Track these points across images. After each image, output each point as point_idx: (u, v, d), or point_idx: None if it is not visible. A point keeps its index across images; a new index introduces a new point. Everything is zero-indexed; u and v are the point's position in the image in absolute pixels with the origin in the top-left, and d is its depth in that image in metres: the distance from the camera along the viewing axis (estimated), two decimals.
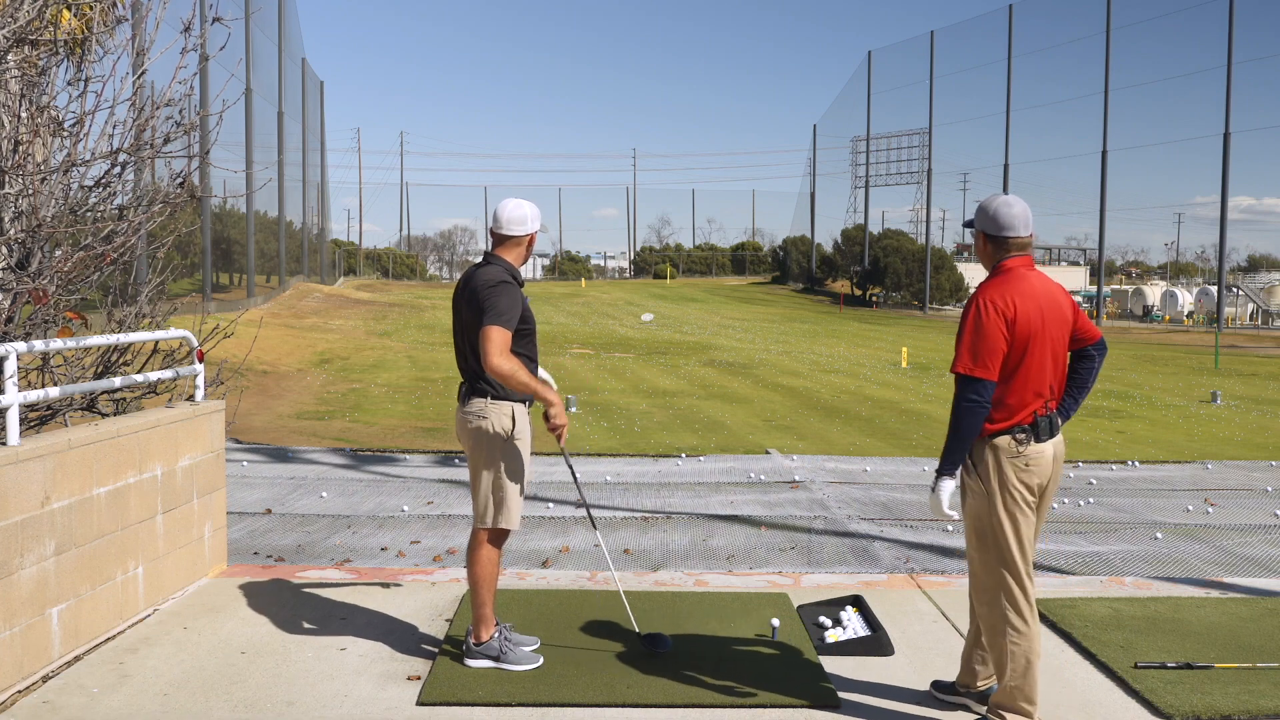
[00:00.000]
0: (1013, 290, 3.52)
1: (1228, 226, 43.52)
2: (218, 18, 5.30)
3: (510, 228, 4.13)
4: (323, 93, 52.10)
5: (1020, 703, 3.54)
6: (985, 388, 3.45)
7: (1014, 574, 3.53)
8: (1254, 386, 20.18)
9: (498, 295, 3.94)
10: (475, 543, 4.14)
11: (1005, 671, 3.54)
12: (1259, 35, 75.50)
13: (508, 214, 4.14)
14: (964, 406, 3.46)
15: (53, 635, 4.06)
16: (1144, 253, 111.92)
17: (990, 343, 3.45)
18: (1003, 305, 3.48)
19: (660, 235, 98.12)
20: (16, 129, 4.69)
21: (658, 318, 39.48)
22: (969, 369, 3.46)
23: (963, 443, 3.49)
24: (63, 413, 4.98)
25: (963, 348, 3.48)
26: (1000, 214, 3.61)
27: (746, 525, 7.23)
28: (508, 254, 4.16)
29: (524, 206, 4.17)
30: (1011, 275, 3.57)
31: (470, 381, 4.13)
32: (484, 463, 4.09)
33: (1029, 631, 3.53)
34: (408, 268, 75.72)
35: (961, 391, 3.47)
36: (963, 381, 3.48)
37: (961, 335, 3.51)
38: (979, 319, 3.47)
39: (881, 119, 63.16)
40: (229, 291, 33.67)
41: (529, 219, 4.16)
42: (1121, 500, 8.37)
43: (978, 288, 3.62)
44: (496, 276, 4.01)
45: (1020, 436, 3.51)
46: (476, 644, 4.14)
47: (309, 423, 13.08)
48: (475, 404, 4.08)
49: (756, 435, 12.41)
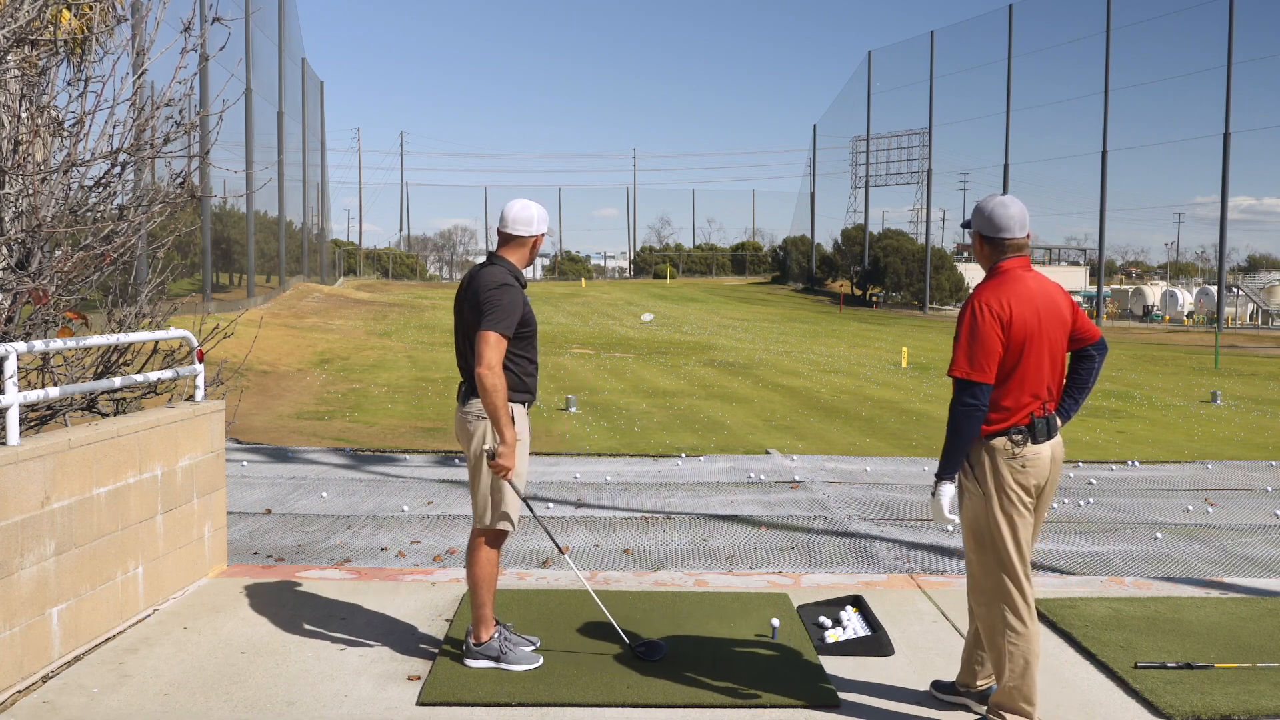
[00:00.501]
0: (1008, 292, 3.51)
1: (1228, 226, 43.55)
2: (218, 18, 5.29)
3: (515, 227, 4.12)
4: (323, 93, 52.12)
5: (1019, 703, 3.54)
6: (982, 391, 3.45)
7: (1011, 575, 3.53)
8: (1254, 386, 20.18)
9: (498, 298, 3.92)
10: (474, 544, 4.14)
11: (1004, 672, 3.55)
12: (1259, 35, 75.59)
13: (514, 214, 4.11)
14: (961, 410, 3.46)
15: (53, 635, 4.07)
16: (1144, 253, 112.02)
17: (986, 346, 3.44)
18: (998, 308, 3.47)
19: (660, 235, 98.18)
20: (16, 129, 4.69)
21: (658, 318, 39.48)
22: (965, 373, 3.46)
23: (961, 446, 3.49)
24: (63, 413, 4.98)
25: (959, 352, 3.49)
26: (996, 215, 3.60)
27: (746, 525, 7.23)
28: (512, 255, 4.14)
29: (531, 208, 4.14)
30: (1007, 277, 3.56)
31: (469, 381, 4.12)
32: (479, 464, 4.09)
33: (1027, 632, 3.53)
34: (408, 268, 75.72)
35: (958, 395, 3.48)
36: (959, 385, 3.48)
37: (958, 339, 3.52)
38: (974, 322, 3.47)
39: (881, 119, 63.20)
40: (229, 291, 33.67)
41: (535, 220, 4.14)
42: (1121, 500, 8.37)
43: (974, 290, 3.62)
44: (498, 278, 4.00)
45: (1016, 438, 3.51)
46: (476, 644, 4.14)
47: (309, 423, 13.09)
48: (474, 404, 4.07)
49: (756, 435, 12.41)
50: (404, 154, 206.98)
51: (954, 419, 3.48)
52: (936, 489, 3.53)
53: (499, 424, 3.91)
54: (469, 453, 4.16)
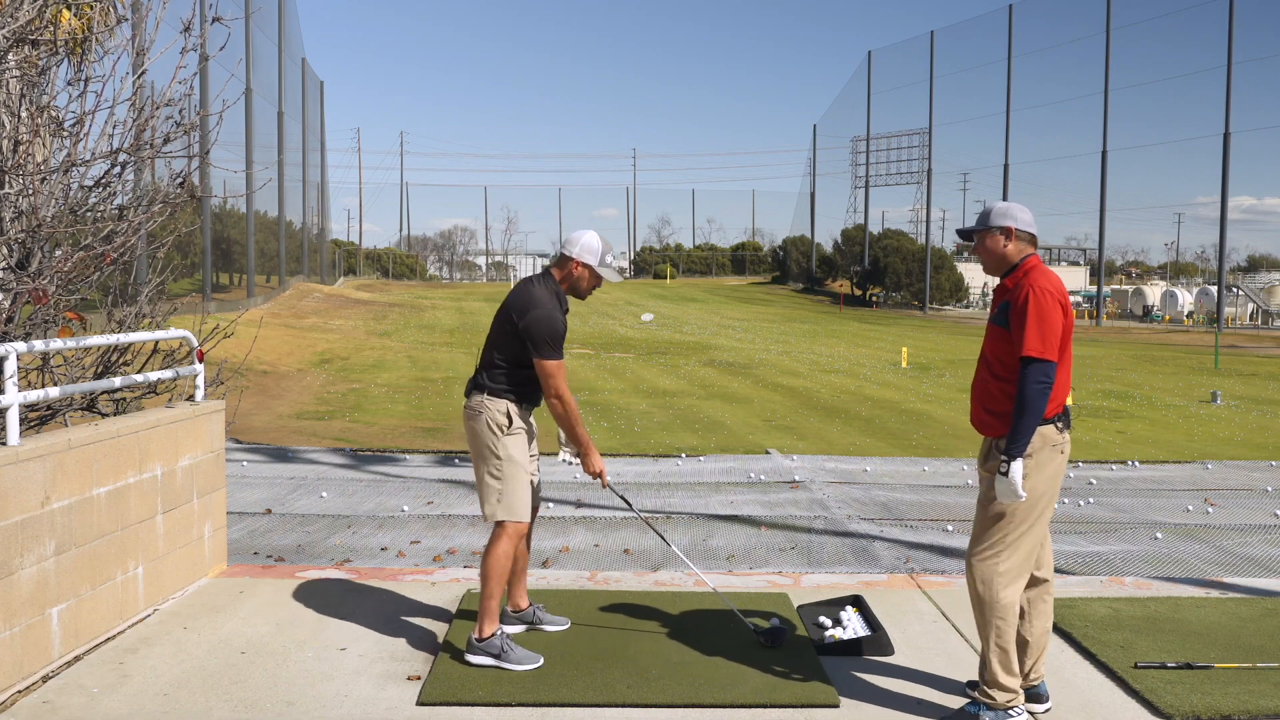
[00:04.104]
0: (1055, 280, 3.64)
1: (1228, 226, 43.56)
2: (218, 18, 5.29)
3: (565, 245, 4.33)
4: (323, 93, 52.15)
5: (1005, 678, 3.62)
6: (1052, 369, 3.54)
7: (1025, 558, 3.62)
8: (1254, 386, 20.18)
9: (539, 327, 4.09)
10: (491, 537, 4.23)
11: (989, 646, 3.62)
12: (1259, 35, 75.57)
13: (570, 234, 4.35)
14: (1035, 389, 3.51)
15: (53, 635, 4.06)
16: (1144, 253, 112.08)
17: (1052, 327, 3.54)
18: (1056, 293, 3.59)
19: (660, 235, 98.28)
20: (16, 129, 4.69)
21: (658, 318, 39.48)
22: (1040, 352, 3.51)
23: (1034, 425, 3.53)
24: (63, 413, 4.97)
25: (1029, 333, 3.53)
26: (1020, 212, 3.75)
27: (746, 525, 7.22)
28: (558, 272, 4.32)
29: (588, 236, 4.31)
30: (1043, 269, 3.69)
31: (475, 375, 4.28)
32: (481, 456, 4.22)
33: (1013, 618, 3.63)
34: (408, 268, 75.76)
35: (1031, 374, 3.52)
36: (1033, 365, 3.52)
37: (1025, 320, 3.55)
38: (1041, 303, 3.55)
39: (881, 119, 63.23)
40: (229, 291, 33.67)
41: (578, 244, 4.28)
42: (1121, 500, 8.37)
43: (1023, 279, 3.65)
44: (539, 301, 4.15)
45: (1059, 425, 3.63)
46: (479, 639, 4.15)
47: (309, 423, 13.08)
48: (474, 398, 4.24)
49: (756, 435, 12.41)
50: (404, 154, 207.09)
51: (1028, 398, 3.50)
52: (1009, 467, 3.52)
53: (577, 441, 4.30)
54: (470, 445, 4.30)
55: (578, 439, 4.30)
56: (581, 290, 4.33)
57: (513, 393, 4.20)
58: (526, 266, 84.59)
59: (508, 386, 4.19)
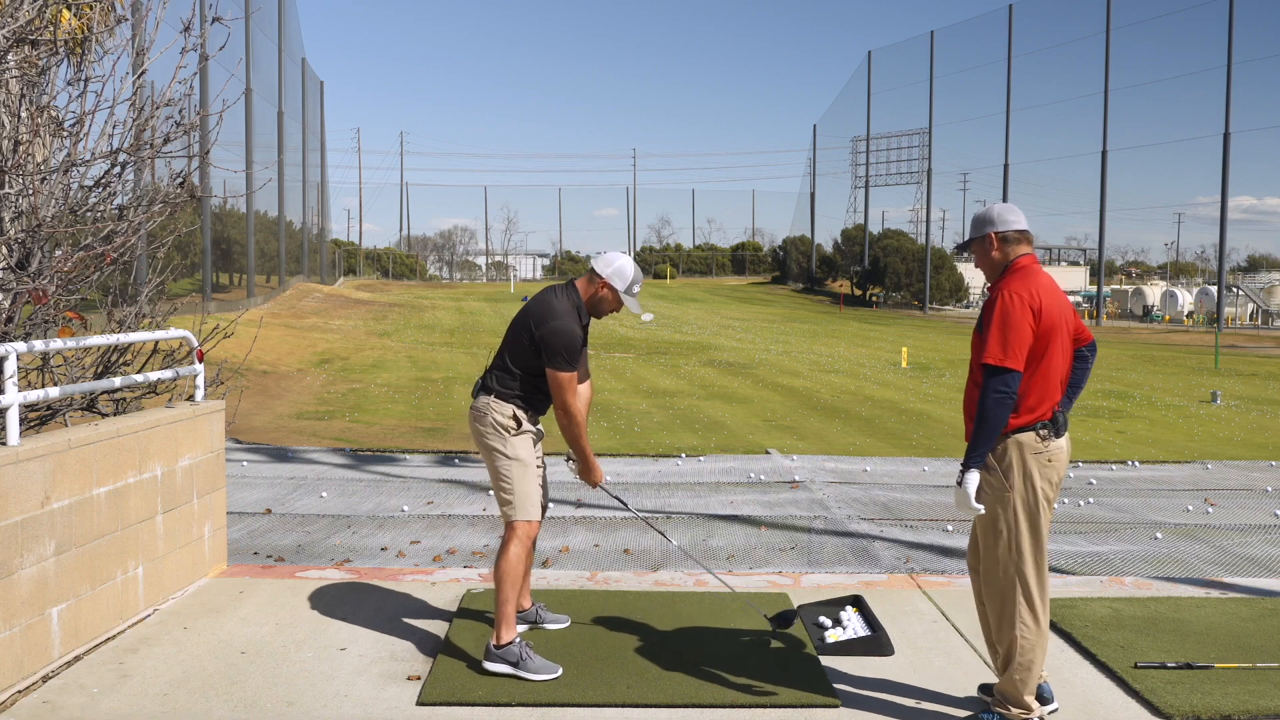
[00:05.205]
0: (1035, 284, 3.56)
1: (1228, 226, 43.59)
2: (218, 18, 5.29)
3: (598, 263, 4.37)
4: (323, 93, 52.10)
5: (1024, 695, 3.56)
6: (1014, 379, 3.45)
7: (1031, 570, 3.55)
8: (1254, 386, 20.18)
9: (555, 339, 4.11)
10: (503, 540, 4.25)
11: (1012, 664, 3.57)
12: (1259, 35, 75.58)
13: (608, 253, 4.41)
14: (994, 398, 3.44)
15: (53, 635, 4.06)
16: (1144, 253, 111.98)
17: (1019, 333, 3.46)
18: (1028, 297, 3.51)
19: (660, 235, 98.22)
20: (16, 129, 4.69)
21: (658, 318, 39.48)
22: (999, 359, 3.45)
23: (991, 435, 3.47)
24: (63, 413, 4.97)
25: (990, 339, 3.47)
26: (1004, 213, 3.70)
27: (746, 525, 7.23)
28: (585, 287, 4.35)
29: (622, 260, 4.38)
30: (1028, 271, 3.61)
31: (483, 377, 4.32)
32: (490, 457, 4.25)
33: (1039, 628, 3.56)
34: (408, 268, 75.75)
35: (990, 383, 3.45)
36: (992, 373, 3.46)
37: (988, 327, 3.50)
38: (1007, 310, 3.48)
39: (881, 119, 63.25)
40: (229, 291, 33.67)
41: (611, 265, 4.33)
42: (1121, 500, 8.37)
43: (998, 283, 3.62)
44: (558, 312, 4.17)
45: (1043, 432, 3.53)
46: (497, 646, 4.12)
47: (309, 423, 13.08)
48: (480, 400, 4.27)
49: (756, 435, 12.41)
50: (404, 154, 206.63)
51: (986, 407, 3.45)
52: (963, 478, 3.49)
53: (580, 454, 4.33)
54: (478, 447, 4.34)
55: (580, 452, 4.33)
56: (602, 310, 4.36)
57: (520, 398, 4.23)
58: (526, 266, 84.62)
59: (516, 392, 4.21)
